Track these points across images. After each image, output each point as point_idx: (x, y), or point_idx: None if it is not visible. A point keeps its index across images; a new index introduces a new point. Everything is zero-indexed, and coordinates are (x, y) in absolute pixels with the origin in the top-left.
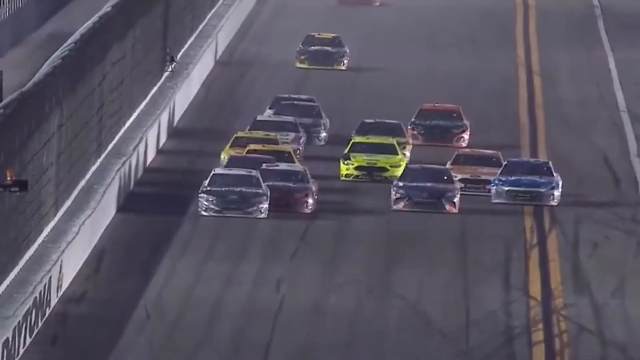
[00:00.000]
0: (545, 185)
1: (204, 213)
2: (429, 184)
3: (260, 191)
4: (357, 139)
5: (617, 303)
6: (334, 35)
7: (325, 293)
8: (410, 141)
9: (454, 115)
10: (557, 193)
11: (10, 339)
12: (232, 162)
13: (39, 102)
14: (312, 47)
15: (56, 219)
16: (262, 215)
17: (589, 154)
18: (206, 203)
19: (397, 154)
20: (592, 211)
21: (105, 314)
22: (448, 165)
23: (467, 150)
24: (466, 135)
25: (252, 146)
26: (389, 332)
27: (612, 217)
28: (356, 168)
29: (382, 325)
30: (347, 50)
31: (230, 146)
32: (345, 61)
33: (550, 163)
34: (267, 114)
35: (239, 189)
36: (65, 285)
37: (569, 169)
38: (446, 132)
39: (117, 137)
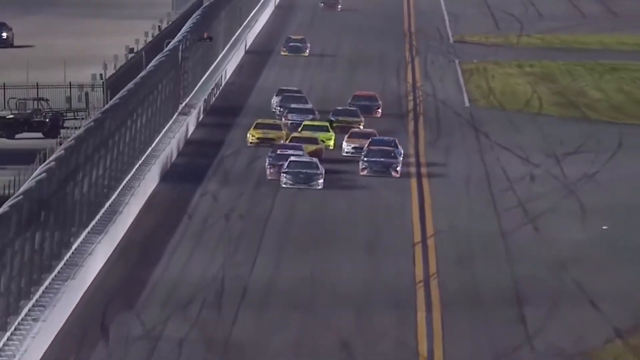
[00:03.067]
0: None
1: (283, 186)
2: (382, 159)
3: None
4: (307, 122)
5: None
6: (302, 36)
7: None
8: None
9: (373, 98)
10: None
11: None
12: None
13: None
14: (290, 44)
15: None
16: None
17: None
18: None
19: (330, 132)
20: None
21: None
22: (345, 138)
23: (357, 129)
24: (380, 110)
25: (259, 120)
26: None
27: None
28: None
29: None
30: (309, 45)
31: (254, 128)
32: (308, 51)
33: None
34: (274, 100)
35: (304, 171)
36: None
37: None
38: (369, 108)
39: None
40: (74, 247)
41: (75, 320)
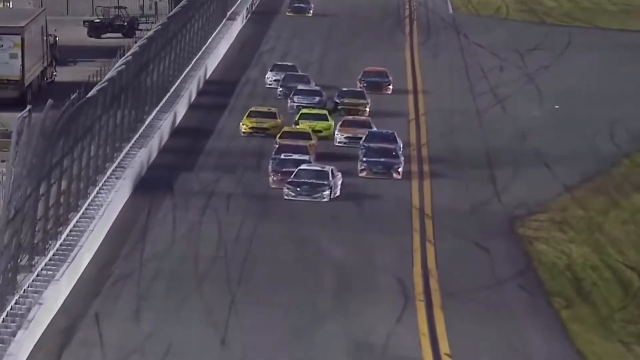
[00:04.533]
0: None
1: (286, 197)
2: (382, 159)
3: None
4: (304, 110)
5: None
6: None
7: None
8: (368, 100)
9: (384, 74)
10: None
11: None
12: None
13: None
14: (294, 5)
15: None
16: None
17: None
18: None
19: (329, 121)
20: None
21: None
22: (337, 127)
23: (350, 117)
24: (391, 87)
25: (253, 108)
26: None
27: None
28: None
29: None
30: (312, 6)
31: (247, 117)
32: (311, 12)
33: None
34: (269, 75)
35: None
36: None
37: None
38: (379, 84)
39: None
40: (146, 122)
41: (147, 178)
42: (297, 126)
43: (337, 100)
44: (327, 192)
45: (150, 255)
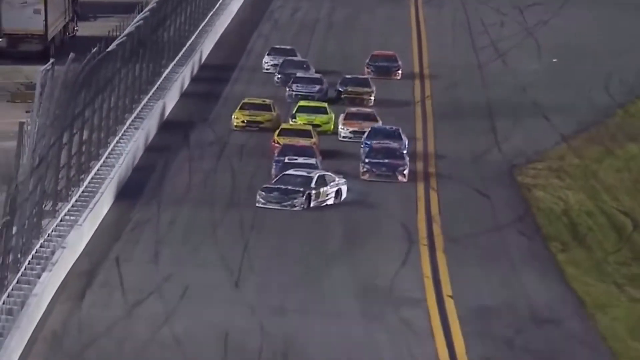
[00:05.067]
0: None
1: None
2: (386, 161)
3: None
4: (302, 103)
5: None
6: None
7: None
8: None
9: (393, 58)
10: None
11: None
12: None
13: None
14: None
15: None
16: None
17: None
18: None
19: (328, 114)
20: None
21: None
22: (341, 119)
23: (354, 109)
24: (400, 71)
25: (246, 100)
26: None
27: None
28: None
29: None
30: None
31: (239, 109)
32: None
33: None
34: (266, 59)
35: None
36: None
37: None
38: (388, 69)
39: None
40: (163, 75)
41: (162, 128)
42: (294, 120)
43: (340, 89)
44: (300, 201)
45: (167, 202)
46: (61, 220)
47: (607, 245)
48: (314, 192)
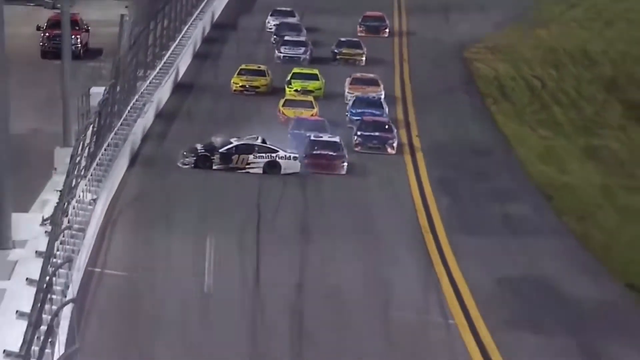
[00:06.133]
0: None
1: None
2: (377, 134)
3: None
4: (296, 70)
5: None
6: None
7: None
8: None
9: (381, 18)
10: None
11: None
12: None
13: None
14: None
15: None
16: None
17: None
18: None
19: (319, 80)
20: None
21: None
22: (347, 84)
23: (358, 75)
24: (387, 30)
25: (243, 66)
26: None
27: None
28: (295, 90)
29: None
30: None
31: (237, 75)
32: None
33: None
34: (269, 20)
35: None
36: None
37: None
38: (377, 28)
39: None
40: None
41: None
42: (290, 85)
43: (335, 50)
44: (190, 160)
45: (228, 68)
46: (149, 83)
47: (524, 100)
48: (217, 156)
